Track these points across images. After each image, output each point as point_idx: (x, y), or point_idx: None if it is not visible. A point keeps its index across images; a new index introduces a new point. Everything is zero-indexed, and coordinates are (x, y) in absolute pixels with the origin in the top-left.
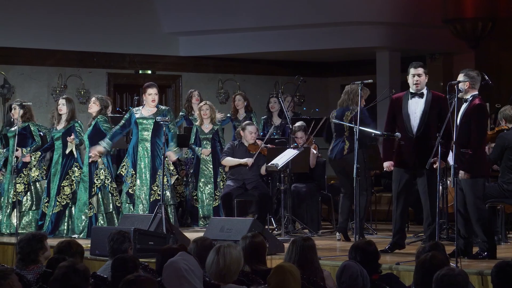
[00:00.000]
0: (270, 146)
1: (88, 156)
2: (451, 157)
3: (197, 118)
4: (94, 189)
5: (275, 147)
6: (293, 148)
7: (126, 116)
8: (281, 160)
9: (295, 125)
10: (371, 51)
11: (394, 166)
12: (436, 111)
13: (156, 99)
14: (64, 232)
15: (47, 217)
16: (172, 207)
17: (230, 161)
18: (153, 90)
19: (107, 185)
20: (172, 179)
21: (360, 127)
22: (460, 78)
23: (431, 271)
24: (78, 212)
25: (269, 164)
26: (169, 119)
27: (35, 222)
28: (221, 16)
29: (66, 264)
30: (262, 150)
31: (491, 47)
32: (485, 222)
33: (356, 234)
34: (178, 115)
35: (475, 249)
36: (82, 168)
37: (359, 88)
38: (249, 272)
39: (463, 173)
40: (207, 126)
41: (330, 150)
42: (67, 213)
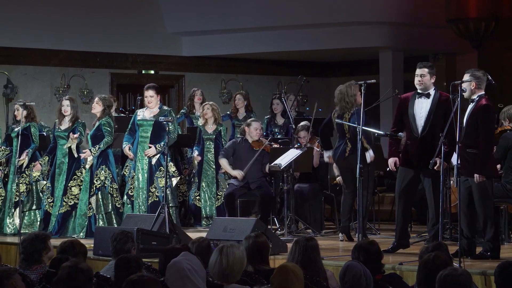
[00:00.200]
0: (273, 144)
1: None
2: (454, 156)
3: (199, 117)
4: (93, 189)
5: (279, 146)
6: (296, 148)
7: (132, 119)
8: (284, 160)
9: (299, 125)
10: (374, 51)
11: (399, 165)
12: (442, 111)
13: (152, 101)
14: (71, 232)
15: (53, 217)
16: (173, 208)
17: (224, 165)
18: (148, 92)
19: (107, 185)
20: (174, 181)
21: (363, 127)
22: (466, 78)
23: (434, 271)
24: (79, 212)
25: (272, 164)
26: (171, 119)
27: (37, 222)
28: (224, 16)
29: (69, 264)
30: (266, 147)
31: (494, 47)
32: (493, 221)
33: (359, 234)
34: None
35: (478, 249)
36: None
37: (362, 88)
38: (252, 272)
39: (478, 176)
40: (210, 126)
41: (333, 151)
42: (74, 213)
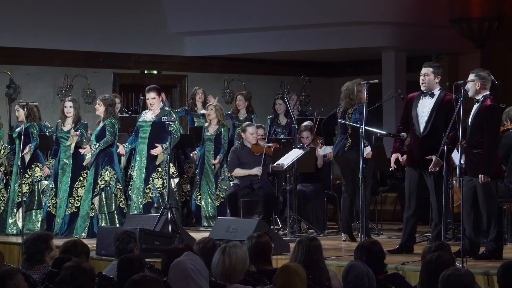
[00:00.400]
0: (273, 144)
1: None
2: (456, 157)
3: (200, 116)
4: (97, 189)
5: (278, 145)
6: (299, 148)
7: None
8: (286, 160)
9: (302, 125)
10: (376, 51)
11: (406, 165)
12: (444, 112)
13: (154, 103)
14: (74, 232)
15: (57, 218)
16: (172, 209)
17: (239, 172)
18: (149, 94)
19: (112, 186)
20: (173, 182)
21: (365, 127)
22: (471, 78)
23: (437, 271)
24: (82, 212)
25: (274, 164)
26: (173, 119)
27: (38, 222)
28: (226, 16)
29: (71, 264)
30: (267, 150)
31: (497, 47)
32: (497, 221)
33: (362, 234)
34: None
35: (481, 249)
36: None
37: (365, 88)
38: (254, 272)
39: (483, 176)
40: (212, 127)
41: (333, 147)
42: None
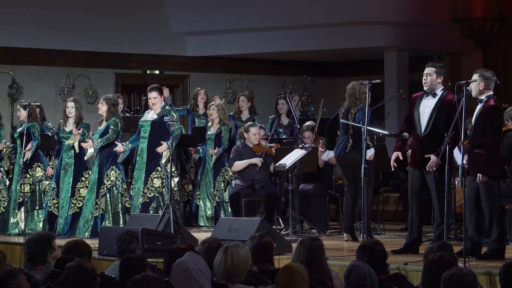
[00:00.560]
0: (274, 145)
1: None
2: (459, 156)
3: (201, 116)
4: (104, 189)
5: (279, 146)
6: (301, 148)
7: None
8: (289, 160)
9: (304, 125)
10: (379, 51)
11: (409, 165)
12: (445, 112)
13: (156, 103)
14: (77, 232)
15: (60, 218)
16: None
17: (239, 164)
18: (151, 94)
19: (118, 186)
20: (173, 181)
21: (368, 127)
22: (474, 78)
23: (439, 271)
24: (86, 212)
25: (276, 164)
26: (175, 119)
27: (40, 222)
28: (229, 16)
29: (74, 264)
30: (268, 150)
31: (498, 47)
32: (499, 222)
33: (364, 234)
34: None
35: (484, 249)
36: (92, 168)
37: (367, 88)
38: (256, 272)
39: (481, 175)
40: (214, 126)
41: (335, 147)
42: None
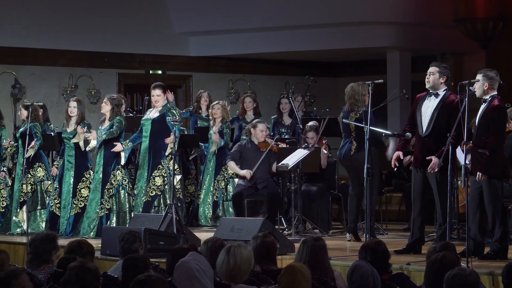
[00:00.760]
0: (280, 143)
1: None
2: (461, 156)
3: (205, 117)
4: (112, 189)
5: (285, 145)
6: (303, 148)
7: None
8: (291, 160)
9: (307, 125)
10: (381, 51)
11: (412, 166)
12: (446, 112)
13: (159, 100)
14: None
15: (62, 219)
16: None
17: (232, 166)
18: (155, 91)
19: (125, 185)
20: (175, 179)
21: (370, 127)
22: (478, 78)
23: (442, 271)
24: (90, 212)
25: (279, 164)
26: (178, 120)
27: (43, 222)
28: (231, 16)
29: (76, 264)
30: (273, 147)
31: (502, 47)
32: (502, 222)
33: (367, 234)
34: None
35: (486, 249)
36: (95, 168)
37: (370, 88)
38: (259, 272)
39: (480, 174)
40: (216, 125)
41: (338, 150)
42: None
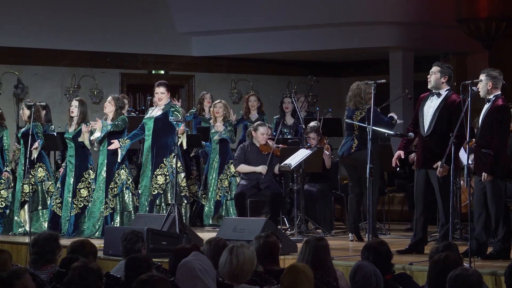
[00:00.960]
0: (281, 146)
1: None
2: (464, 156)
3: (208, 118)
4: (116, 188)
5: (286, 146)
6: (306, 148)
7: None
8: (294, 160)
9: (309, 125)
10: (384, 51)
11: (415, 166)
12: (448, 112)
13: (163, 98)
14: (87, 232)
15: (63, 219)
16: (178, 207)
17: (244, 168)
18: (159, 88)
19: (129, 185)
20: (180, 177)
21: (373, 127)
22: (482, 78)
23: (444, 271)
24: (95, 212)
25: (282, 164)
26: (181, 119)
27: (45, 222)
28: (234, 16)
29: (79, 264)
30: (275, 150)
31: (505, 47)
32: (505, 221)
33: (369, 234)
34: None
35: (489, 249)
36: (97, 169)
37: (372, 88)
38: (262, 272)
39: (486, 175)
40: (218, 124)
41: (340, 147)
42: (86, 213)
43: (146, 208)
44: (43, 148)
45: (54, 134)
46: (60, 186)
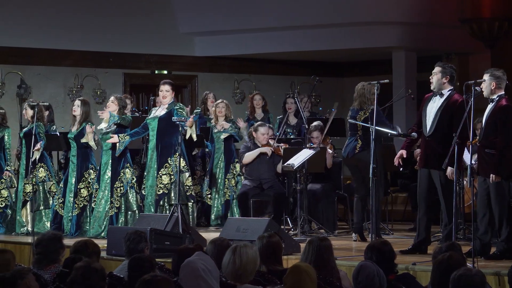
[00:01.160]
0: (282, 145)
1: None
2: (467, 156)
3: (211, 117)
4: (122, 187)
5: (287, 146)
6: (309, 148)
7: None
8: (297, 160)
9: (311, 125)
10: (387, 51)
11: (418, 166)
12: (449, 112)
13: (167, 96)
14: (91, 232)
15: (64, 219)
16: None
17: (249, 155)
18: (164, 86)
19: (133, 184)
20: (184, 177)
21: (376, 127)
22: (485, 77)
23: (448, 271)
24: (101, 212)
25: (285, 164)
26: (184, 119)
27: (47, 222)
28: (236, 16)
29: (82, 264)
30: (276, 150)
31: (507, 47)
32: (509, 222)
33: (372, 234)
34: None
35: (493, 249)
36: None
37: (376, 88)
38: (265, 272)
39: (494, 176)
40: (220, 123)
41: (343, 148)
42: (85, 214)
43: (152, 209)
44: (45, 148)
45: (57, 134)
46: (62, 186)
